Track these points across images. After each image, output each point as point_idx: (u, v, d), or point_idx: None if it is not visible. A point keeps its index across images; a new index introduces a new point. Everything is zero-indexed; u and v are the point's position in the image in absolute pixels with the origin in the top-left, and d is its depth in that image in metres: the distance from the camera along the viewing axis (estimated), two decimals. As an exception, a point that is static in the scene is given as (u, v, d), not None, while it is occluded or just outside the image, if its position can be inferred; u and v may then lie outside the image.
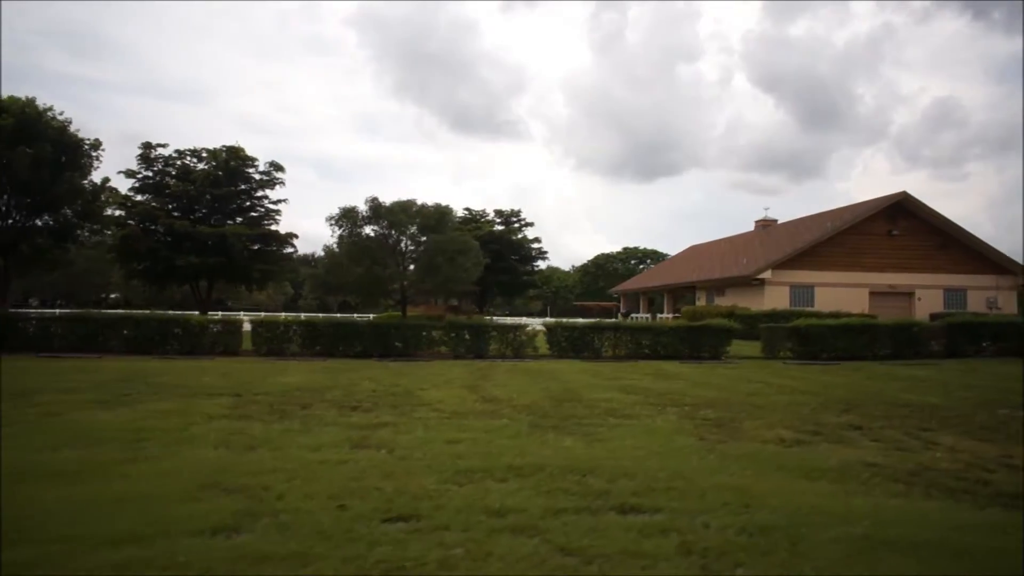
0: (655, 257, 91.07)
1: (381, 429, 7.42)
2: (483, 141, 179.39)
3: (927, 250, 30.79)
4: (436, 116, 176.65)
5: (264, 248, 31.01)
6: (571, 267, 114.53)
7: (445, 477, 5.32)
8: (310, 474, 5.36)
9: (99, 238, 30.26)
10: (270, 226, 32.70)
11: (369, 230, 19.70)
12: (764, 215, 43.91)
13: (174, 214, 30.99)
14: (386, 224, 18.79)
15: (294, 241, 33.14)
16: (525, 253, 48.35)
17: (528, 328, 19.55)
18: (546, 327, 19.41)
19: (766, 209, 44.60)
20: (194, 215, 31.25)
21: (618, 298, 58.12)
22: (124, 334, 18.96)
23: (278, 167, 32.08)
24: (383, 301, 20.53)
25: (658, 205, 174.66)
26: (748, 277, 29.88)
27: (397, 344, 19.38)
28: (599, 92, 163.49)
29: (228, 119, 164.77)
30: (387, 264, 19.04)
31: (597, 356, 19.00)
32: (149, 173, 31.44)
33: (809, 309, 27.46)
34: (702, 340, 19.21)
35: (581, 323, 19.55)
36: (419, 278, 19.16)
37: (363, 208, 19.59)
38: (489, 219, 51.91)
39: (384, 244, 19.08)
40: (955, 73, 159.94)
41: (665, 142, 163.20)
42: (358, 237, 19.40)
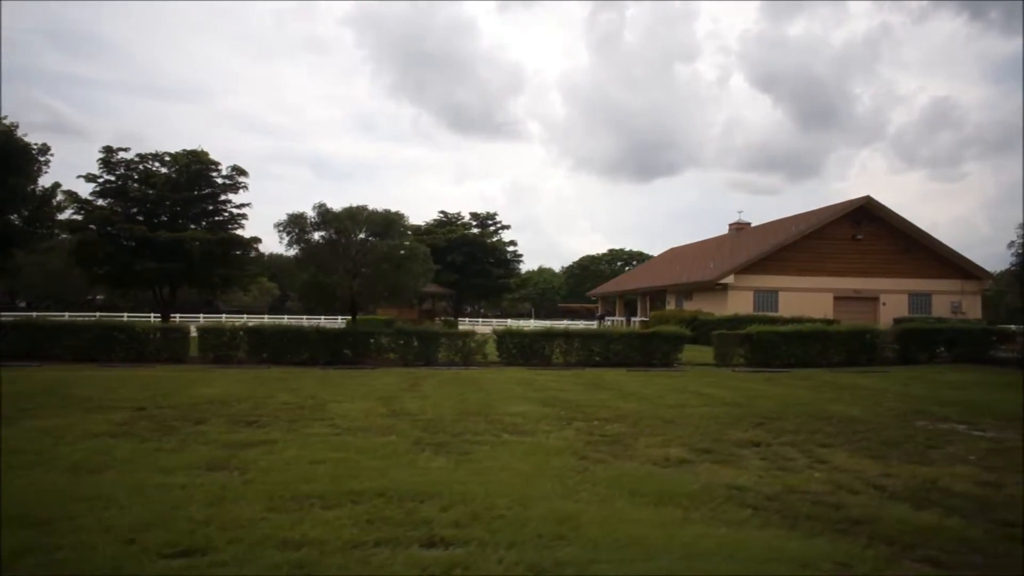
0: (640, 259, 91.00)
1: (255, 448, 7.18)
2: (481, 141, 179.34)
3: (892, 255, 30.74)
4: (433, 116, 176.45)
5: (226, 253, 30.65)
6: (560, 268, 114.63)
7: (274, 504, 5.10)
8: (132, 501, 5.12)
9: (48, 244, 29.87)
10: (235, 230, 32.41)
11: (318, 236, 19.38)
12: (738, 218, 43.85)
13: (138, 218, 30.68)
14: (333, 231, 18.53)
15: (258, 246, 32.94)
16: (500, 256, 48.09)
17: (477, 335, 19.31)
18: (495, 334, 19.18)
19: (739, 212, 44.47)
20: (157, 220, 30.90)
21: (597, 301, 57.99)
22: (65, 343, 18.60)
23: (241, 171, 31.80)
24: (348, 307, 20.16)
25: (656, 205, 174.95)
26: (711, 282, 29.77)
27: (346, 351, 19.14)
28: (596, 92, 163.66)
29: (224, 118, 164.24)
30: (335, 270, 18.74)
31: (547, 363, 18.79)
32: (111, 177, 31.12)
33: (772, 314, 27.35)
34: (653, 347, 19.04)
35: (530, 330, 19.32)
36: (367, 285, 18.87)
37: (311, 214, 19.35)
38: (464, 222, 51.73)
39: (333, 251, 18.79)
40: (952, 73, 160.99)
41: (663, 142, 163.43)
42: (306, 244, 19.11)
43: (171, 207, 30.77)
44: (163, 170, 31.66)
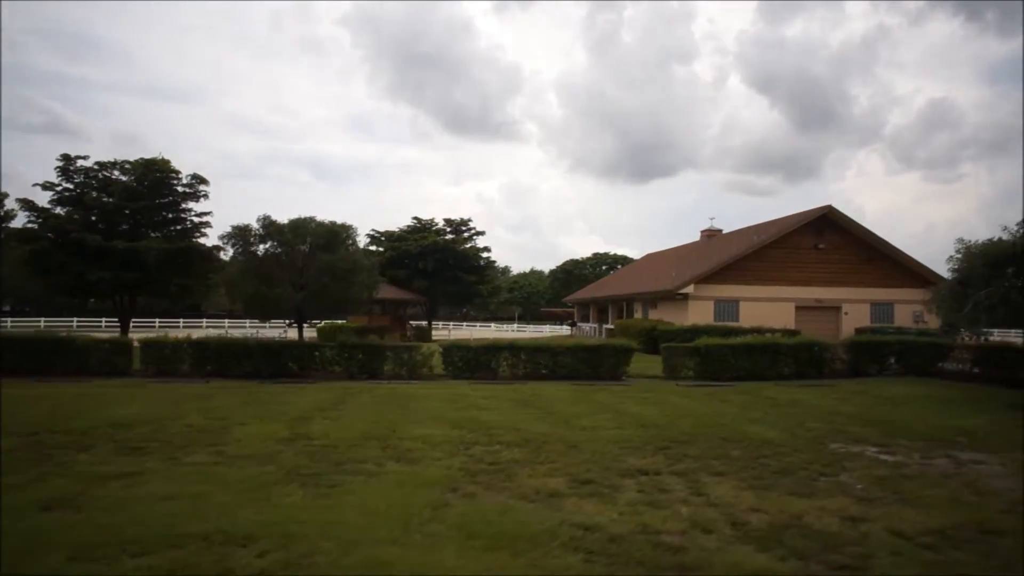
0: (624, 263, 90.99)
1: (116, 481, 6.94)
2: (478, 142, 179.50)
3: (854, 264, 30.74)
4: (431, 116, 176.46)
5: (186, 262, 30.30)
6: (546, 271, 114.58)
7: (80, 552, 4.88)
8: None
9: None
10: (197, 239, 32.08)
11: (264, 248, 19.14)
12: (710, 224, 43.82)
13: (99, 226, 30.29)
14: (275, 244, 18.32)
15: (222, 254, 32.54)
16: (472, 263, 47.88)
17: (423, 348, 19.10)
18: (441, 347, 18.98)
19: (711, 219, 44.36)
20: (117, 229, 30.52)
21: (574, 307, 57.89)
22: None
23: (201, 180, 31.49)
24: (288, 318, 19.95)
25: (653, 206, 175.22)
26: (671, 291, 29.66)
27: (291, 365, 18.90)
28: (594, 93, 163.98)
29: (221, 119, 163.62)
30: (281, 283, 18.50)
31: (494, 377, 18.61)
32: (70, 186, 30.74)
33: (732, 324, 27.29)
34: (601, 360, 18.88)
35: (476, 343, 19.13)
36: (311, 297, 18.65)
37: (256, 226, 19.12)
38: (438, 228, 51.51)
39: (276, 263, 18.56)
40: (949, 74, 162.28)
41: (660, 143, 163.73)
42: (250, 256, 18.86)
43: (130, 216, 30.38)
44: (124, 178, 31.28)
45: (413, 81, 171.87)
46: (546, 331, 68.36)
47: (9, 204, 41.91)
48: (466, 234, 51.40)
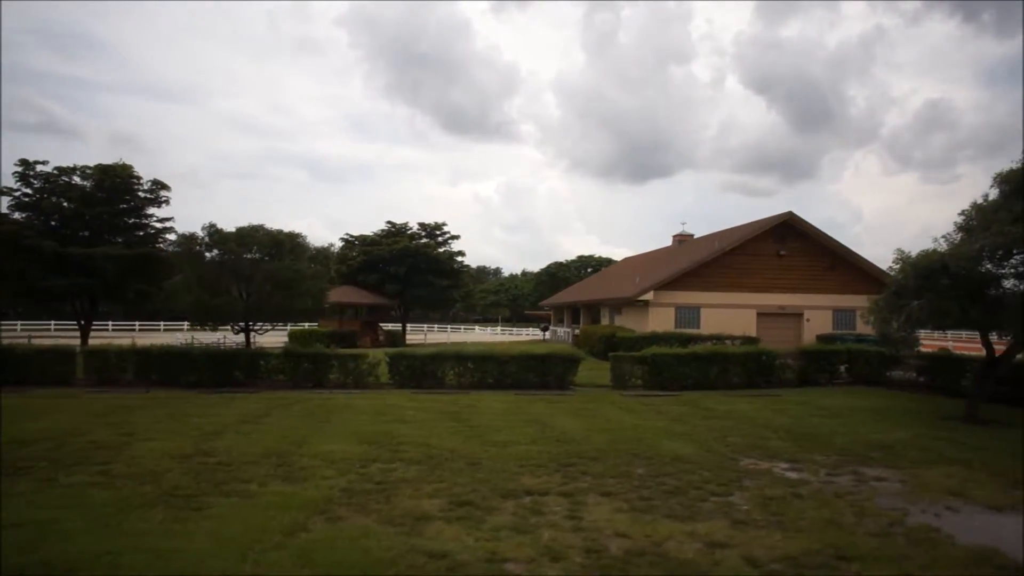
0: (608, 266, 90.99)
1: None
2: (476, 142, 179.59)
3: (816, 271, 30.76)
4: (428, 117, 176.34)
5: (146, 268, 29.99)
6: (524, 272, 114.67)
7: None
8: None
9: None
10: (159, 245, 31.79)
11: (210, 256, 18.95)
12: (681, 229, 43.78)
13: (63, 232, 29.98)
14: (219, 252, 18.14)
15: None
16: (445, 267, 47.70)
17: (370, 357, 18.94)
18: (388, 356, 18.81)
19: (683, 224, 44.29)
20: (78, 234, 30.21)
21: (551, 311, 57.79)
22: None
23: (163, 186, 31.27)
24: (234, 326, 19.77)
25: (651, 207, 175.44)
26: (631, 298, 29.58)
27: (237, 373, 18.69)
28: (591, 93, 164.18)
29: (218, 119, 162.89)
30: (227, 291, 18.32)
31: (440, 386, 18.47)
32: (28, 191, 30.39)
33: (692, 331, 27.26)
34: (548, 369, 18.77)
35: (422, 352, 18.97)
36: (256, 304, 18.48)
37: (201, 234, 18.94)
38: (413, 232, 51.32)
39: (221, 272, 18.37)
40: (946, 75, 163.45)
41: (657, 143, 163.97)
42: (196, 264, 18.67)
43: (90, 222, 30.07)
44: (87, 184, 30.97)
45: (410, 81, 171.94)
46: (525, 335, 68.33)
47: None
48: (440, 238, 51.25)
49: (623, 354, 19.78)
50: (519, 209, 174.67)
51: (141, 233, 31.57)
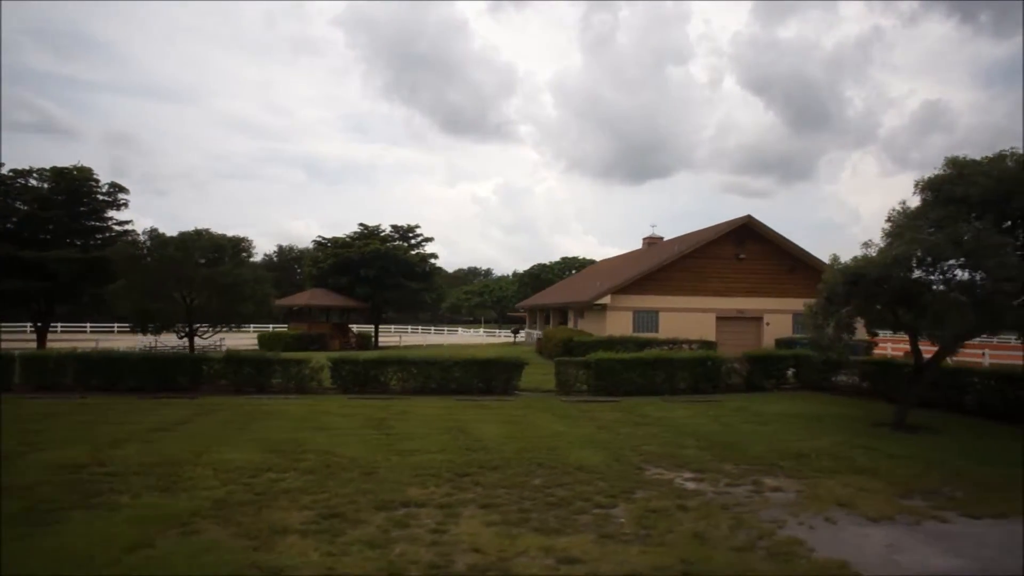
0: (585, 268, 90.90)
1: None
2: (473, 143, 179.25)
3: (776, 274, 30.83)
4: (426, 117, 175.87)
5: (103, 271, 29.68)
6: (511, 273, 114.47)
7: None
8: None
9: None
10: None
11: (149, 261, 18.76)
12: (651, 232, 43.86)
13: (23, 234, 29.63)
14: (157, 258, 17.96)
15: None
16: (416, 270, 47.54)
17: (312, 361, 18.80)
18: (330, 361, 18.68)
19: (653, 226, 44.42)
20: (37, 237, 29.87)
21: (525, 313, 57.73)
22: None
23: (121, 188, 31.03)
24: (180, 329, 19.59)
25: (649, 207, 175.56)
26: (589, 302, 29.55)
27: (180, 378, 18.49)
28: (589, 94, 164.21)
29: (215, 119, 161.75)
30: (165, 297, 18.13)
31: (384, 391, 18.35)
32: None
33: (649, 335, 27.26)
34: (492, 374, 18.69)
35: (364, 357, 18.84)
36: (199, 309, 18.32)
37: (143, 238, 18.75)
38: (386, 234, 51.12)
39: (165, 277, 18.17)
40: (943, 76, 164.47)
41: (655, 144, 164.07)
42: (135, 269, 18.46)
43: (48, 224, 29.74)
44: (43, 186, 30.64)
45: (408, 82, 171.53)
46: (503, 336, 68.14)
47: None
48: (414, 240, 51.09)
49: (568, 359, 19.73)
50: (517, 210, 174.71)
51: (100, 236, 31.21)
